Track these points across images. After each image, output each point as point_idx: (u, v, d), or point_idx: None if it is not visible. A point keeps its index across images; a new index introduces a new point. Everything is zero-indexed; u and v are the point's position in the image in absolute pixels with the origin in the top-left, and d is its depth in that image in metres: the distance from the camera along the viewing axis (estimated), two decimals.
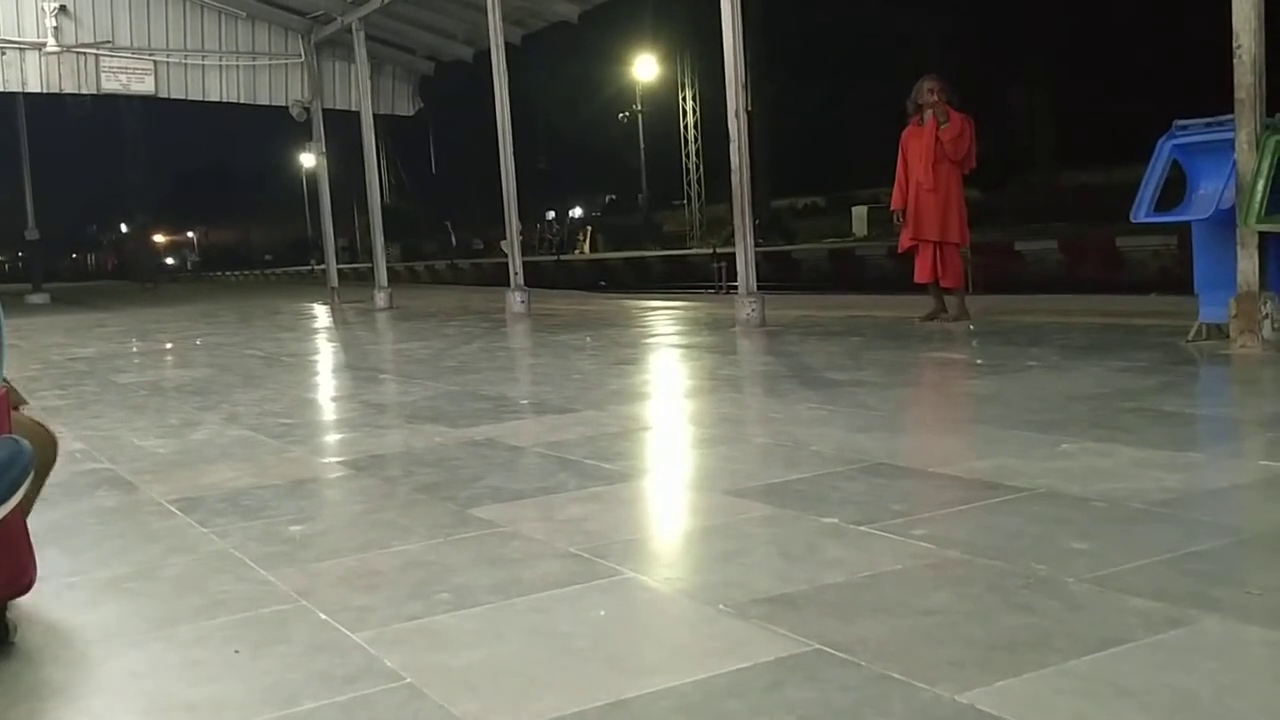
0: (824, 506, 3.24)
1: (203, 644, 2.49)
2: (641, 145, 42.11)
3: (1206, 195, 6.40)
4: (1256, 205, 5.85)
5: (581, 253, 41.00)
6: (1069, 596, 2.42)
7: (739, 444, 4.53)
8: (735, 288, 9.32)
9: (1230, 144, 6.03)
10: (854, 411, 4.91)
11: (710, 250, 27.09)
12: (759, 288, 9.45)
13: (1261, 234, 5.89)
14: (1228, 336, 5.99)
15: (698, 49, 34.49)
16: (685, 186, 41.48)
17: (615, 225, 46.68)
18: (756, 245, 10.17)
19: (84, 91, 17.11)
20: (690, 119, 40.86)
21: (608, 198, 55.83)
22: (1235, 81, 5.95)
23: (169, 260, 70.79)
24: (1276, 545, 2.74)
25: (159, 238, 72.25)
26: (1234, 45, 5.92)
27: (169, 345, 11.74)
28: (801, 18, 38.34)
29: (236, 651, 2.41)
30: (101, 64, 16.80)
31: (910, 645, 2.19)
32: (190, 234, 76.17)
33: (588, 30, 16.73)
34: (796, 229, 37.13)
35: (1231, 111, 6.03)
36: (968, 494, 3.30)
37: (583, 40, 27.76)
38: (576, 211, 55.43)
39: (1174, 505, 3.07)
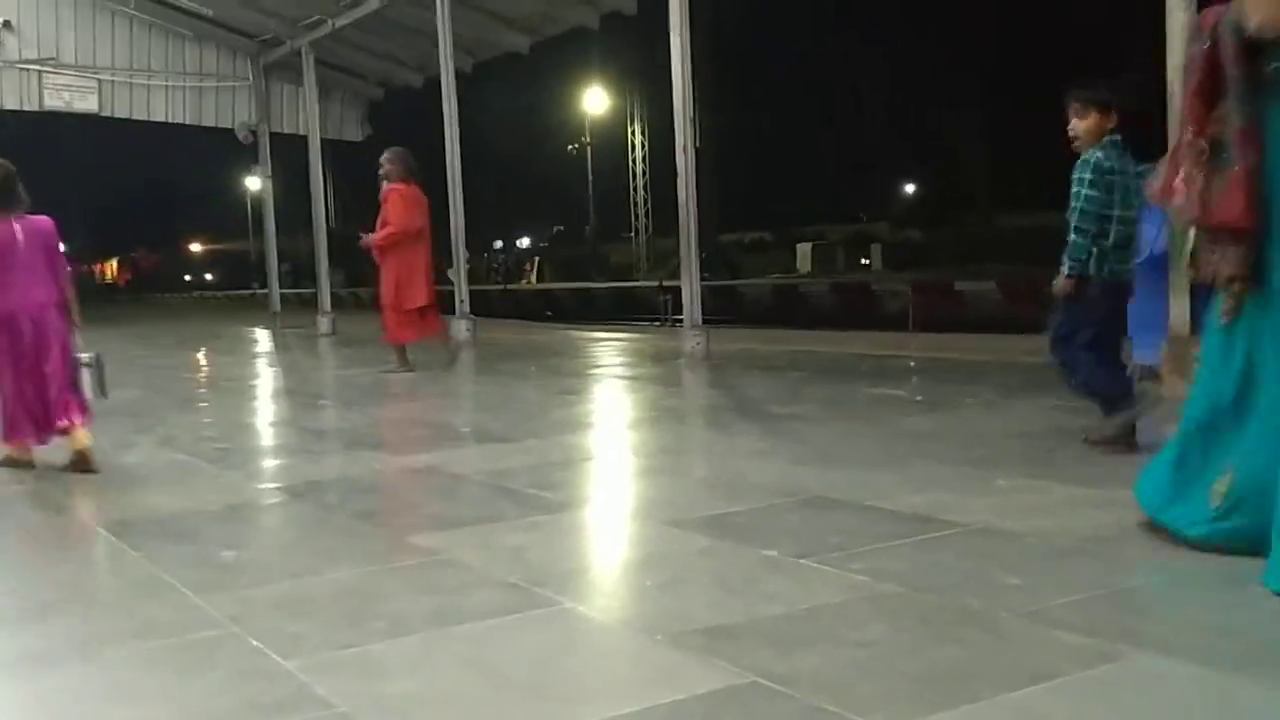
0: (763, 539, 3.25)
1: (130, 667, 2.44)
2: (590, 177, 42.21)
3: (1140, 240, 6.53)
4: (1189, 250, 5.98)
5: (529, 283, 40.93)
6: (1001, 631, 2.45)
7: (680, 475, 4.54)
8: (681, 321, 9.33)
9: None
10: (794, 445, 4.94)
11: (657, 283, 27.14)
12: (704, 321, 9.50)
13: (1193, 279, 6.04)
14: (1159, 378, 6.11)
15: (647, 83, 34.74)
16: (633, 219, 41.59)
17: (563, 256, 46.68)
18: (702, 279, 10.22)
19: (26, 108, 16.79)
20: (639, 152, 41.04)
21: (555, 228, 55.77)
22: (1169, 129, 6.11)
23: (110, 281, 69.75)
24: (1205, 582, 2.79)
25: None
26: (1168, 94, 6.08)
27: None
28: (750, 57, 38.83)
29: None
30: (44, 81, 16.54)
31: (845, 678, 2.21)
32: (116, 258, 75.08)
33: (539, 62, 16.75)
34: (743, 264, 37.36)
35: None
36: (904, 528, 3.33)
37: (534, 71, 27.83)
38: (524, 242, 55.28)
39: (1105, 542, 3.12)
